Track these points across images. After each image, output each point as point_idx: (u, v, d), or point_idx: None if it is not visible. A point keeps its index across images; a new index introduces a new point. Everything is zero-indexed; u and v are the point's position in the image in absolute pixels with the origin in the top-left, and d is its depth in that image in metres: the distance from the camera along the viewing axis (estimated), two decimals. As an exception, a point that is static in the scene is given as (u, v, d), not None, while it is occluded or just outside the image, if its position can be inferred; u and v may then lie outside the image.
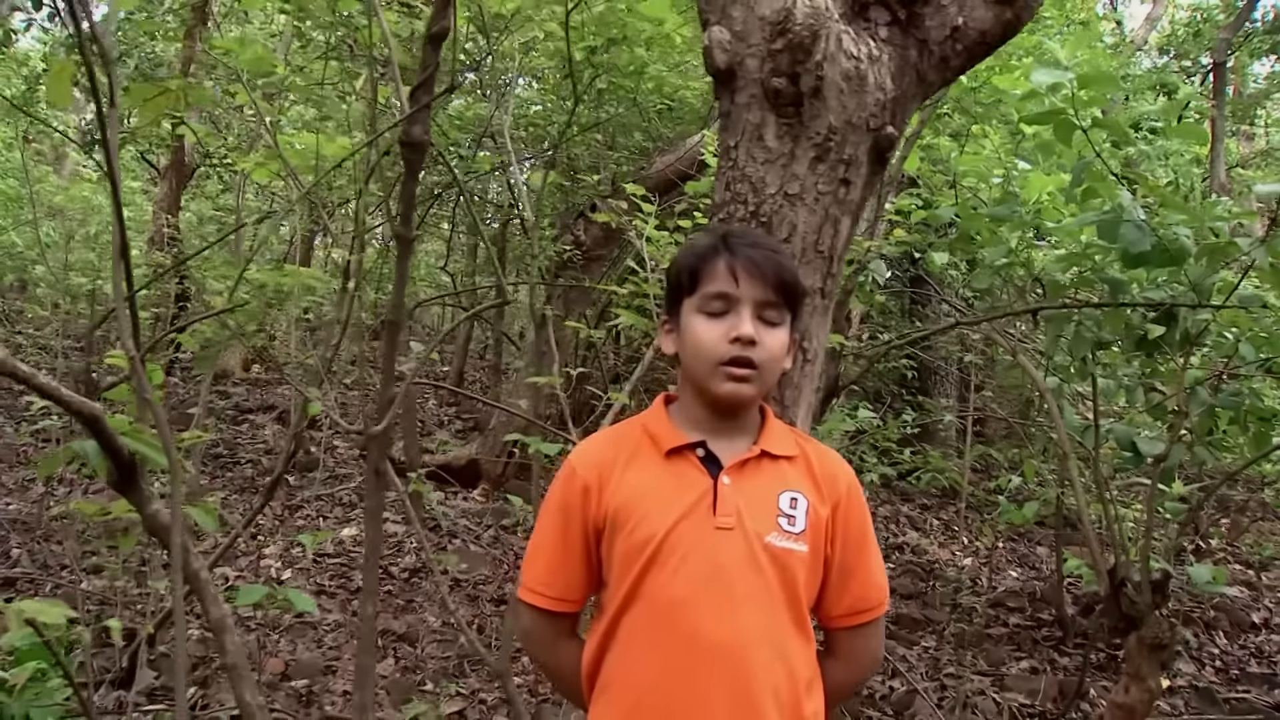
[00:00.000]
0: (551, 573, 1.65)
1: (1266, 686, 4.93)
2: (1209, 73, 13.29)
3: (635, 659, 1.56)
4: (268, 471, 6.53)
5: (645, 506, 1.57)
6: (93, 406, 2.21)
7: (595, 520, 1.61)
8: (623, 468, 1.62)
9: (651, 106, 6.84)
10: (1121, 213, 3.23)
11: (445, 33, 2.52)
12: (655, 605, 1.54)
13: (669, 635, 1.53)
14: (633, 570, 1.56)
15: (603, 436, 1.74)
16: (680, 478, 1.60)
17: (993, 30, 2.12)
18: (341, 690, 3.88)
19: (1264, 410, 4.20)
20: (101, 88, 2.21)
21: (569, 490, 1.63)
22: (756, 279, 1.57)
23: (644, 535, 1.55)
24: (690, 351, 1.62)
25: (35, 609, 1.92)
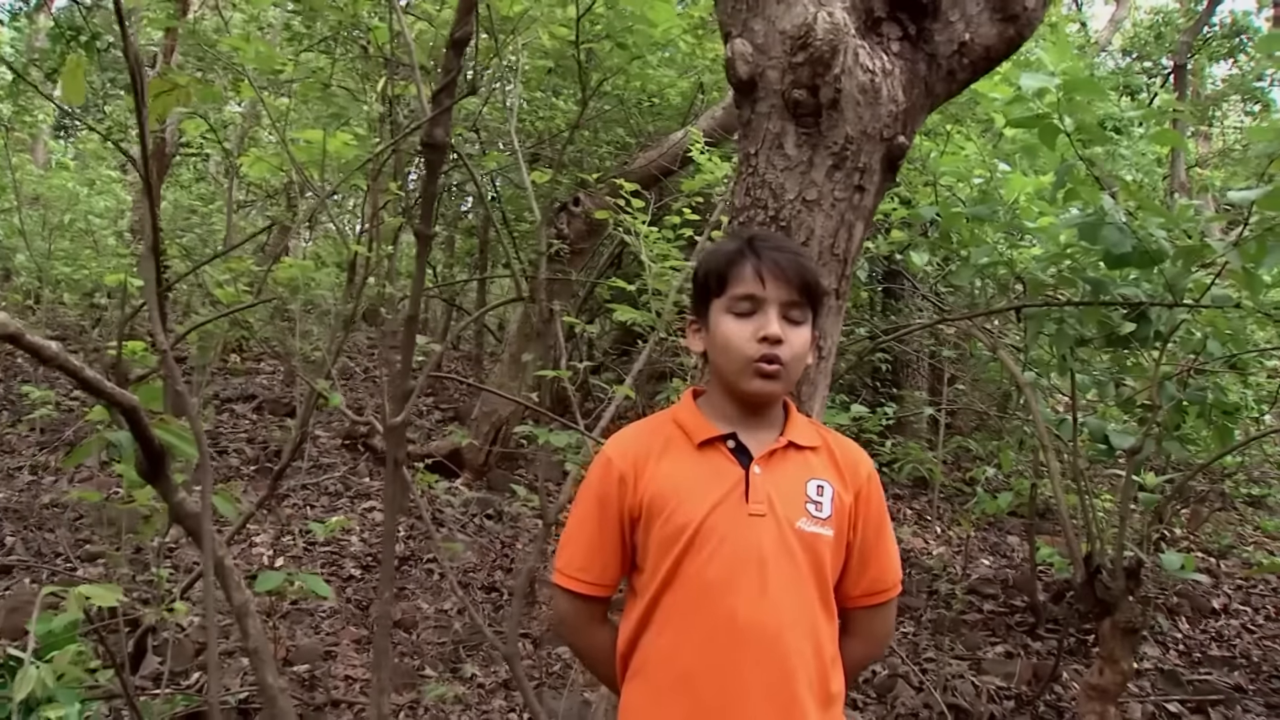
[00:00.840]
0: (588, 558, 1.72)
1: (1226, 669, 5.14)
2: (1170, 74, 13.57)
3: (673, 640, 1.64)
4: (252, 460, 6.58)
5: (680, 495, 1.66)
6: (131, 398, 2.29)
7: (631, 508, 1.69)
8: (657, 458, 1.70)
9: (636, 103, 6.95)
10: (1103, 215, 3.38)
11: (468, 38, 2.61)
12: (692, 589, 1.63)
13: (707, 618, 1.61)
14: (670, 555, 1.64)
15: (636, 428, 1.80)
16: (713, 467, 1.69)
17: (997, 46, 2.25)
18: (343, 675, 3.96)
19: (1228, 405, 4.39)
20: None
21: (606, 479, 1.71)
22: (781, 281, 1.67)
23: (680, 522, 1.64)
24: (720, 350, 1.70)
25: (91, 591, 1.99)
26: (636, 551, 1.72)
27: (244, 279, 4.21)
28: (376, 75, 4.60)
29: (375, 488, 6.46)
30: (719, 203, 4.87)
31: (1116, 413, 4.57)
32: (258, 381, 8.61)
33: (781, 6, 2.09)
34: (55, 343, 2.03)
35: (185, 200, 9.61)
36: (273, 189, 9.92)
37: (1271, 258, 3.21)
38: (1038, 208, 4.33)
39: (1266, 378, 6.18)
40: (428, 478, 4.03)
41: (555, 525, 4.63)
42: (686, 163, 6.33)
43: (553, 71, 6.70)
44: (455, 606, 4.85)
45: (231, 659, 3.92)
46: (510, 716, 3.82)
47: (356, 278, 3.68)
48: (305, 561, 5.15)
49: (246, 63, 3.79)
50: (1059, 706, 4.44)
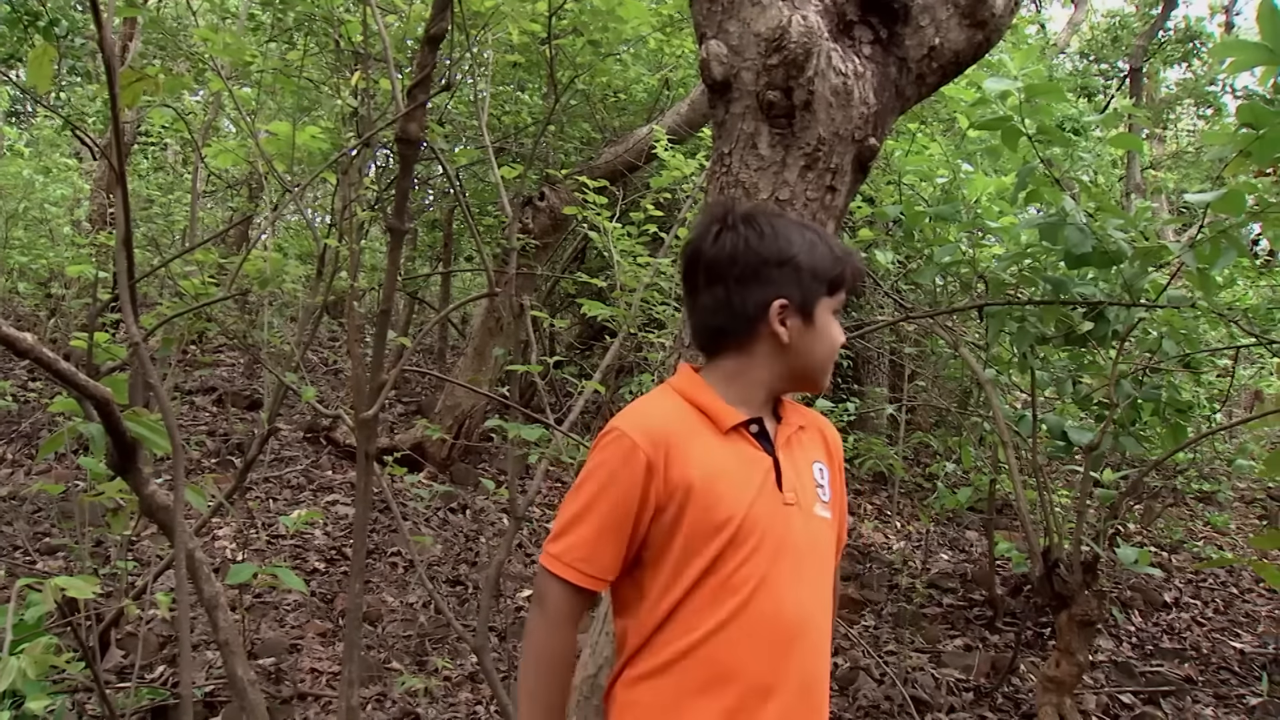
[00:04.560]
0: (594, 548, 1.57)
1: (1177, 660, 5.25)
2: (1126, 77, 13.79)
3: (709, 638, 1.55)
4: (214, 454, 6.54)
5: (721, 485, 1.57)
6: (105, 391, 2.28)
7: (658, 497, 1.56)
8: (686, 444, 1.58)
9: (602, 99, 6.97)
10: (1064, 216, 3.45)
11: (443, 34, 2.63)
12: (735, 584, 1.55)
13: (750, 613, 1.55)
14: (708, 550, 1.55)
15: (651, 408, 1.66)
16: (743, 455, 1.61)
17: (965, 51, 2.30)
18: (309, 668, 3.96)
19: (1181, 403, 4.49)
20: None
21: (630, 465, 1.55)
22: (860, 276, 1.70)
23: (724, 515, 1.55)
24: (821, 348, 1.65)
25: (66, 583, 1.99)
26: (647, 545, 1.60)
27: (209, 271, 4.20)
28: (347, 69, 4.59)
29: (338, 481, 6.45)
30: (686, 199, 4.91)
31: (1074, 410, 4.66)
32: (218, 374, 8.54)
33: (756, 9, 2.12)
34: (29, 335, 2.03)
35: (144, 190, 9.51)
36: (234, 180, 9.84)
37: (1224, 259, 3.30)
38: (999, 208, 4.41)
39: (1218, 376, 6.33)
40: (398, 470, 4.02)
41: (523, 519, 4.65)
42: (652, 159, 6.36)
43: (519, 66, 6.71)
44: (421, 599, 4.86)
45: (197, 652, 3.90)
46: (477, 709, 3.84)
47: (324, 271, 3.68)
48: (269, 555, 5.13)
49: (214, 53, 3.77)
50: (1016, 698, 4.52)
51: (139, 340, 2.48)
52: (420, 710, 3.77)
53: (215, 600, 2.75)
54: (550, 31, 4.00)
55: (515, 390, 3.89)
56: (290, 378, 3.43)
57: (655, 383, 4.89)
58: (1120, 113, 9.51)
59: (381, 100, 5.25)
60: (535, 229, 6.95)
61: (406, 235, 9.60)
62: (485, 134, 3.69)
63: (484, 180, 7.43)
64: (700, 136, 6.48)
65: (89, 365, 2.99)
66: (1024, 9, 14.09)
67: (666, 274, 4.22)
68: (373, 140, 3.68)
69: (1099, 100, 13.63)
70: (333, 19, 4.25)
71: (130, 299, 2.56)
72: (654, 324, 4.80)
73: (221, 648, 2.77)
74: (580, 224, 4.47)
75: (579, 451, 3.42)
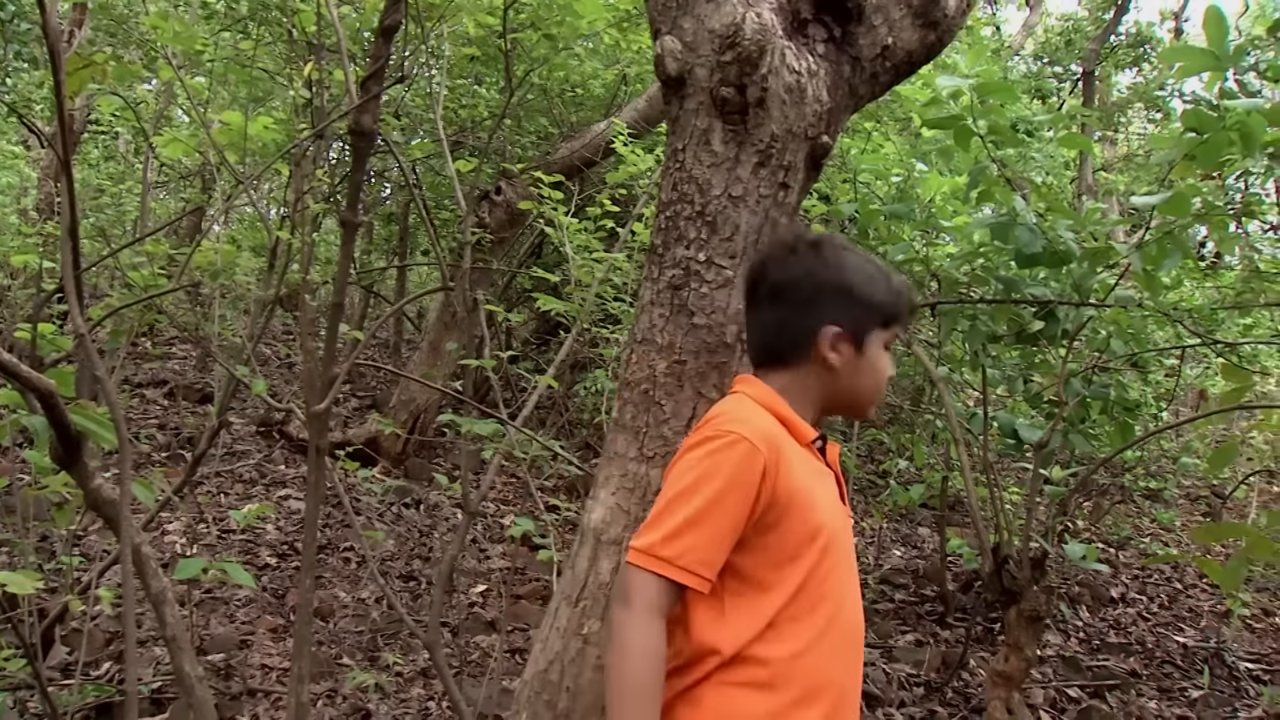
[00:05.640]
0: (714, 551, 1.57)
1: (1123, 655, 5.34)
2: (1079, 80, 13.98)
3: (809, 649, 1.58)
4: (164, 447, 6.45)
5: (814, 494, 1.63)
6: (48, 383, 2.25)
7: (766, 498, 1.58)
8: (788, 451, 1.63)
9: (559, 94, 6.95)
10: (1015, 216, 3.49)
11: (397, 25, 2.61)
12: (827, 593, 1.61)
13: (840, 615, 1.62)
14: (806, 559, 1.60)
15: (761, 415, 1.68)
16: (815, 467, 1.69)
17: (918, 51, 2.32)
18: (259, 664, 3.92)
19: (1129, 401, 4.56)
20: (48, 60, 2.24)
21: (750, 467, 1.57)
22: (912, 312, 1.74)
23: (817, 523, 1.61)
24: (869, 378, 1.73)
25: (7, 578, 1.95)
26: (747, 548, 1.61)
27: (159, 262, 4.14)
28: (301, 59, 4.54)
29: (291, 475, 6.38)
30: (642, 195, 4.91)
31: (1025, 408, 4.72)
32: (169, 366, 8.42)
33: (711, 5, 2.12)
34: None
35: (94, 179, 9.35)
36: (187, 170, 9.70)
37: (1170, 261, 3.35)
38: (953, 207, 4.45)
39: (1165, 376, 6.44)
40: (349, 464, 3.99)
41: (476, 514, 4.63)
42: (609, 154, 6.35)
43: (476, 60, 6.67)
44: (373, 595, 4.82)
45: (145, 648, 3.85)
46: (429, 705, 3.82)
47: (277, 263, 3.64)
48: (220, 550, 5.07)
49: (164, 41, 3.71)
50: (966, 693, 4.58)
51: (84, 332, 2.44)
52: (371, 706, 3.74)
53: (162, 595, 2.71)
54: (506, 25, 3.98)
55: (469, 385, 3.87)
56: (241, 371, 3.39)
57: (611, 379, 4.91)
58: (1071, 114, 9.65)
59: (337, 92, 5.20)
60: (492, 223, 6.92)
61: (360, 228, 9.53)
62: (440, 127, 3.66)
63: (441, 174, 7.39)
64: (658, 132, 6.49)
65: (33, 357, 2.94)
66: (980, 11, 14.25)
67: (622, 270, 4.22)
68: (327, 132, 3.65)
69: (1053, 102, 13.81)
70: (286, 8, 4.20)
71: (76, 290, 2.52)
72: (609, 320, 4.79)
73: (169, 643, 2.73)
74: (536, 219, 4.46)
75: (532, 447, 3.41)
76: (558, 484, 6.50)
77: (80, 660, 3.24)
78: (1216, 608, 6.29)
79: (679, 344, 2.11)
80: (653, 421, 2.11)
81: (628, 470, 2.12)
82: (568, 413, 7.42)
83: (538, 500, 3.87)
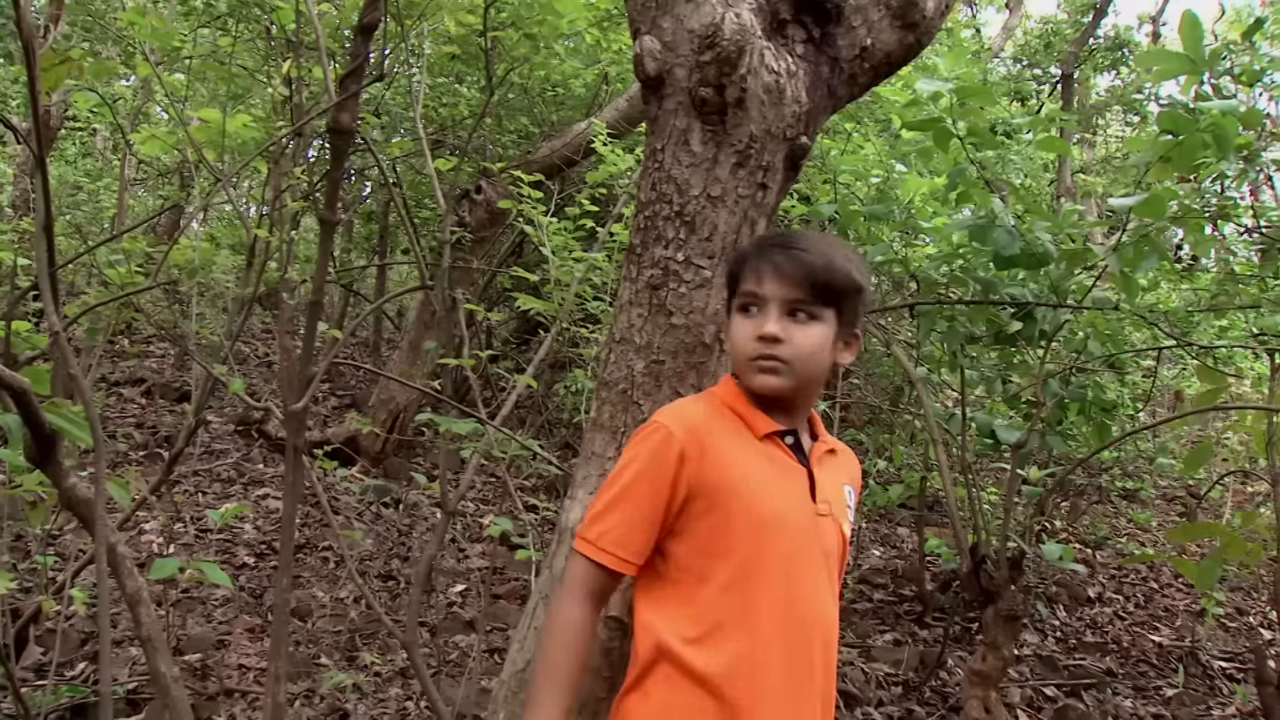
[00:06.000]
0: (628, 532, 1.63)
1: (1099, 654, 5.38)
2: (1058, 83, 14.05)
3: (753, 630, 1.59)
4: (142, 446, 6.40)
5: (757, 483, 1.64)
6: (22, 381, 2.23)
7: (690, 487, 1.62)
8: (725, 441, 1.65)
9: (540, 93, 6.95)
10: (994, 218, 3.51)
11: (376, 23, 2.60)
12: (772, 580, 1.61)
13: (785, 609, 1.61)
14: (749, 543, 1.61)
15: (691, 405, 1.74)
16: (778, 462, 1.68)
17: (897, 52, 2.32)
18: (237, 664, 3.90)
19: (1106, 402, 4.59)
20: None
21: (664, 452, 1.62)
22: (782, 279, 1.66)
23: (760, 512, 1.62)
24: (730, 346, 1.75)
25: (-22, 578, 1.93)
26: (679, 533, 1.65)
27: (136, 260, 4.11)
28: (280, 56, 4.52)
29: (269, 474, 6.35)
30: (622, 195, 4.91)
31: (1003, 408, 4.74)
32: (147, 365, 8.37)
33: (690, 5, 2.12)
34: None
35: (71, 176, 9.28)
36: (165, 168, 9.64)
37: (1147, 263, 3.38)
38: (932, 208, 4.47)
39: (1142, 377, 6.48)
40: (327, 464, 3.97)
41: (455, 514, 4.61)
42: (589, 154, 6.35)
43: (457, 58, 6.65)
44: (352, 594, 4.81)
45: (120, 648, 3.83)
46: (407, 705, 3.81)
47: (255, 261, 3.62)
48: (198, 549, 5.04)
49: (141, 37, 3.68)
50: (944, 692, 4.60)
51: (59, 329, 2.42)
52: (349, 706, 3.73)
53: (138, 596, 2.70)
54: (486, 24, 3.97)
55: (448, 384, 3.86)
56: (219, 369, 3.37)
57: (590, 379, 4.90)
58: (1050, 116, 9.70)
59: (316, 89, 5.18)
60: (472, 222, 6.91)
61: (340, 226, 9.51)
62: (420, 126, 3.65)
63: (421, 173, 7.37)
64: (639, 132, 6.49)
65: (6, 355, 2.91)
66: (960, 13, 14.31)
67: (601, 269, 4.21)
68: (305, 130, 3.63)
69: (1032, 104, 13.88)
70: (265, 5, 4.18)
71: (51, 287, 2.50)
72: (589, 319, 4.79)
73: (144, 644, 2.72)
74: (516, 219, 4.45)
75: (511, 446, 3.41)
76: (537, 483, 6.49)
77: (54, 661, 3.22)
78: (1191, 607, 6.34)
79: (657, 344, 2.10)
80: (630, 421, 2.11)
81: (605, 470, 2.12)
82: (547, 412, 7.41)
83: (516, 500, 3.86)
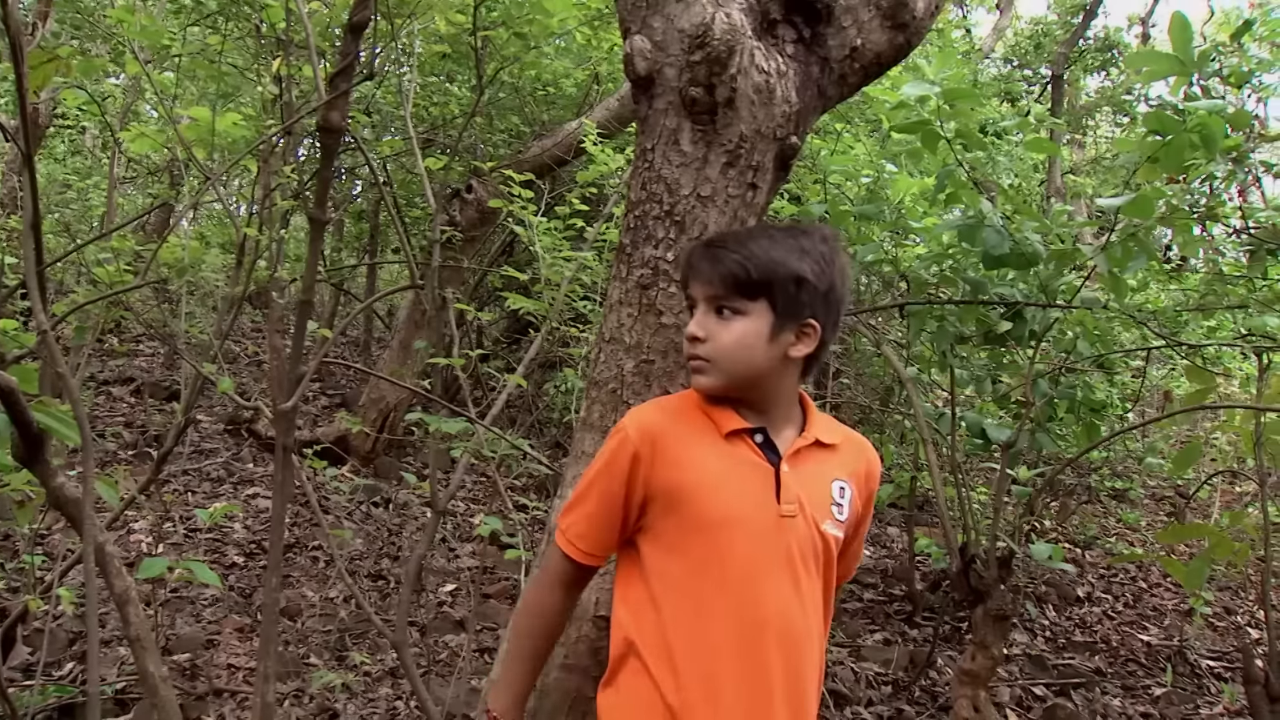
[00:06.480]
0: (587, 526, 1.70)
1: (1088, 653, 5.39)
2: (1048, 83, 14.09)
3: (703, 631, 1.61)
4: (131, 445, 6.38)
5: (712, 485, 1.63)
6: (8, 379, 2.22)
7: (646, 486, 1.65)
8: (682, 442, 1.66)
9: (531, 92, 6.94)
10: (982, 218, 3.52)
11: (366, 22, 2.59)
12: (725, 581, 1.61)
13: (737, 611, 1.60)
14: (700, 546, 1.62)
15: (660, 408, 1.75)
16: (742, 461, 1.66)
17: (886, 52, 2.33)
18: (226, 663, 3.89)
19: (1095, 401, 4.61)
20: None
21: (619, 454, 1.66)
22: (702, 279, 1.67)
23: (714, 514, 1.62)
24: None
25: (-35, 577, 1.92)
26: (646, 532, 1.68)
27: (125, 258, 4.09)
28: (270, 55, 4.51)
29: (259, 474, 6.34)
30: (612, 194, 4.91)
31: (993, 408, 4.75)
32: (137, 364, 8.34)
33: (680, 5, 2.13)
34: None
35: (60, 174, 9.25)
36: (154, 166, 9.61)
37: (1136, 263, 3.39)
38: (922, 208, 4.48)
39: (1131, 377, 6.50)
40: (317, 463, 3.97)
41: (445, 513, 4.61)
42: (580, 153, 6.35)
43: (448, 57, 6.64)
44: (341, 594, 4.80)
45: (109, 648, 3.81)
46: (397, 704, 3.80)
47: (244, 260, 3.61)
48: (187, 549, 5.03)
49: (131, 35, 3.67)
50: (934, 691, 4.60)
51: (46, 328, 2.41)
52: (339, 706, 3.72)
53: (126, 595, 2.69)
54: (476, 23, 3.97)
55: (438, 384, 3.86)
56: (209, 368, 3.36)
57: (580, 378, 4.90)
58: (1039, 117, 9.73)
59: (306, 88, 5.17)
60: (463, 221, 6.90)
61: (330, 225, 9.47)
62: (410, 124, 3.65)
63: (412, 172, 7.36)
64: (630, 132, 6.49)
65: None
66: (950, 14, 14.34)
67: (592, 269, 4.21)
68: (295, 129, 3.63)
69: (1023, 105, 13.90)
70: (255, 3, 4.16)
71: (39, 285, 2.49)
72: (579, 319, 4.79)
73: (133, 643, 2.71)
74: (507, 219, 4.45)
75: (501, 445, 3.40)
76: (527, 483, 6.49)
77: (42, 660, 3.21)
78: (1180, 606, 6.36)
79: (647, 343, 2.11)
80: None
81: (595, 469, 2.12)
82: (537, 411, 7.41)
83: (506, 499, 3.86)
